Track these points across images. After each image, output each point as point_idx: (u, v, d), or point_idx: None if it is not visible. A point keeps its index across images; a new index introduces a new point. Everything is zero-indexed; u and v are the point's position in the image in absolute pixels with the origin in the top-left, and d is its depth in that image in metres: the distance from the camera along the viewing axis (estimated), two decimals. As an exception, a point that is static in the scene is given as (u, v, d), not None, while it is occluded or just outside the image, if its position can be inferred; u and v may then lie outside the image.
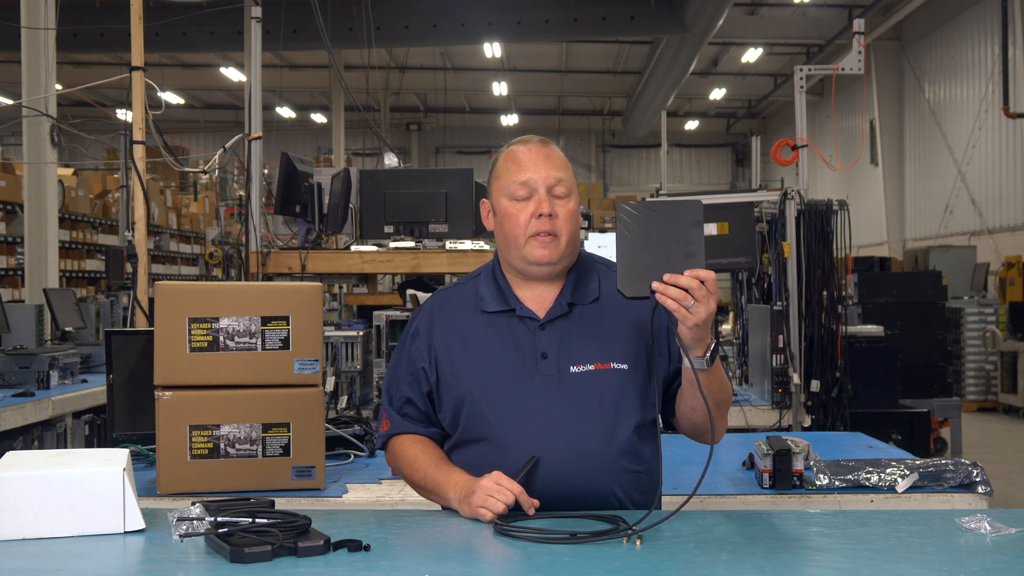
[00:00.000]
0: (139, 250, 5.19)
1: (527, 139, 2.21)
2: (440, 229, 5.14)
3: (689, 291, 1.88)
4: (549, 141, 2.22)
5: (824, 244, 5.72)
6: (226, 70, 19.14)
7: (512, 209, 2.15)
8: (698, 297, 1.88)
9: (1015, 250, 13.17)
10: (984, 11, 14.48)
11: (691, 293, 1.88)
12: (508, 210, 2.15)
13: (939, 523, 1.98)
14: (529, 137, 2.22)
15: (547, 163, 2.15)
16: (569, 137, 26.38)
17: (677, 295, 1.88)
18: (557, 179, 2.15)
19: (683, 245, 1.91)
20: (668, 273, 1.89)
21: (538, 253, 2.13)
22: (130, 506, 1.93)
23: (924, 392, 7.18)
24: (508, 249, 2.18)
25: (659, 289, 1.89)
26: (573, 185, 2.19)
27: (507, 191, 2.16)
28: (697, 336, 1.94)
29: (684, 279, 1.88)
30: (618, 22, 14.33)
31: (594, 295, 2.18)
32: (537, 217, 2.12)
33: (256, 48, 5.53)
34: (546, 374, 2.11)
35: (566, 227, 2.14)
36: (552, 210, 2.12)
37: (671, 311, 1.90)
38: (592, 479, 2.08)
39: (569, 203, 2.16)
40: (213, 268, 7.74)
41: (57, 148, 8.38)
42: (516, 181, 2.15)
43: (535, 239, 2.13)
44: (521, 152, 2.18)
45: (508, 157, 2.19)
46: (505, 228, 2.16)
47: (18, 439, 4.87)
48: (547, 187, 2.14)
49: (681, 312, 1.89)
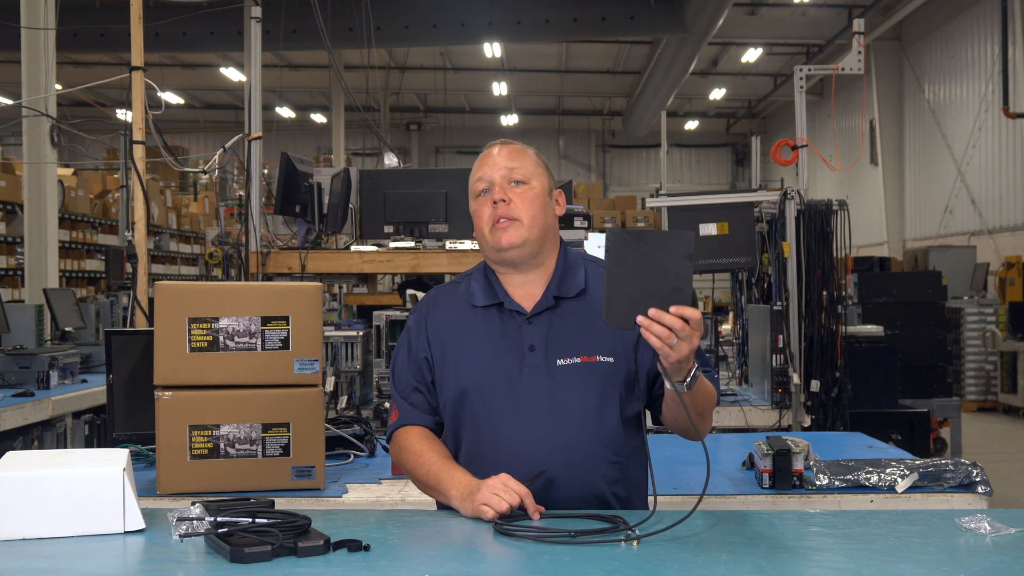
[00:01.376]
0: (139, 250, 5.19)
1: (492, 143, 2.30)
2: (440, 229, 5.14)
3: (672, 330, 1.88)
4: (511, 141, 2.29)
5: (824, 244, 5.72)
6: (226, 70, 19.13)
7: (476, 206, 2.25)
8: (681, 336, 1.89)
9: (1015, 250, 13.17)
10: (984, 11, 14.48)
11: (674, 332, 1.88)
12: (474, 208, 2.26)
13: (939, 523, 1.98)
14: (495, 141, 2.31)
15: (504, 157, 2.24)
16: (569, 137, 26.39)
17: (661, 332, 1.88)
18: (510, 168, 2.22)
19: (671, 279, 1.88)
20: (654, 308, 1.88)
21: (499, 238, 2.19)
22: (130, 506, 1.93)
23: (924, 392, 7.18)
24: (482, 246, 2.26)
25: (644, 324, 1.89)
26: (535, 171, 2.24)
27: (472, 190, 2.26)
28: (678, 367, 1.96)
29: (669, 318, 1.87)
30: (618, 22, 14.32)
31: (580, 288, 2.22)
32: (493, 205, 2.19)
33: (256, 48, 5.53)
34: (534, 366, 2.15)
35: (525, 210, 2.19)
36: (505, 196, 2.19)
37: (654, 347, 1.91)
38: (578, 471, 2.12)
39: (529, 189, 2.21)
40: (213, 268, 7.75)
41: (57, 148, 8.38)
42: (476, 177, 2.25)
43: (496, 226, 2.19)
44: (482, 155, 2.28)
45: (475, 163, 2.29)
46: (476, 226, 2.26)
47: (18, 439, 4.87)
48: (502, 177, 2.21)
49: (664, 350, 1.90)
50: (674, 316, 1.87)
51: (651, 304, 1.88)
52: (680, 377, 1.98)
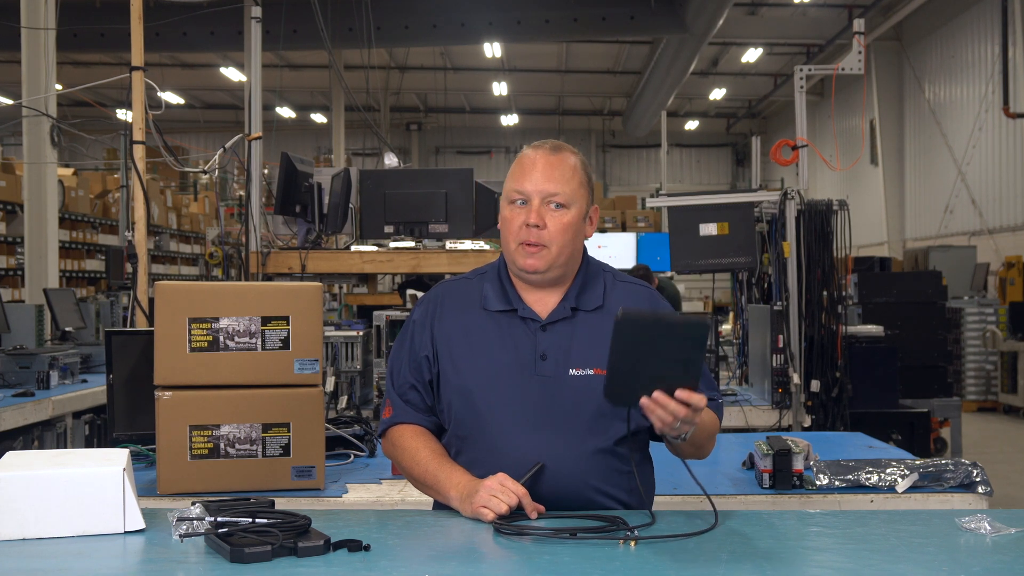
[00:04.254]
0: (139, 250, 5.19)
1: (540, 144, 2.22)
2: (440, 229, 5.14)
3: (675, 415, 1.88)
4: (563, 147, 2.21)
5: (824, 244, 5.72)
6: (226, 70, 19.13)
7: (508, 214, 2.19)
8: (683, 421, 1.89)
9: (1015, 250, 13.17)
10: (984, 11, 14.48)
11: (676, 417, 1.88)
12: (505, 214, 2.20)
13: (939, 523, 1.98)
14: (543, 143, 2.22)
15: (548, 173, 2.15)
16: (569, 137, 26.32)
17: (664, 417, 1.88)
18: (553, 192, 2.14)
19: (680, 364, 1.85)
20: (659, 392, 1.86)
21: (524, 262, 2.15)
22: (130, 506, 1.93)
23: (924, 392, 7.17)
24: (505, 252, 2.22)
25: (646, 407, 1.88)
26: (576, 196, 2.17)
27: (508, 195, 2.20)
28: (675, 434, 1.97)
29: (674, 405, 1.87)
30: (618, 22, 14.32)
31: (597, 303, 2.19)
32: (526, 226, 2.14)
33: (256, 48, 5.53)
34: (545, 375, 2.13)
35: (557, 238, 2.14)
36: (541, 221, 2.13)
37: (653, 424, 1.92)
38: (582, 479, 2.10)
39: (566, 215, 2.15)
40: (213, 268, 7.74)
41: (57, 148, 8.38)
42: (514, 188, 2.18)
43: (522, 247, 2.15)
44: (527, 158, 2.19)
45: (518, 161, 2.21)
46: (503, 231, 2.21)
47: (18, 439, 4.87)
48: (542, 198, 2.15)
49: (665, 429, 1.92)
50: (678, 403, 1.87)
51: (656, 386, 1.85)
52: (676, 435, 1.98)
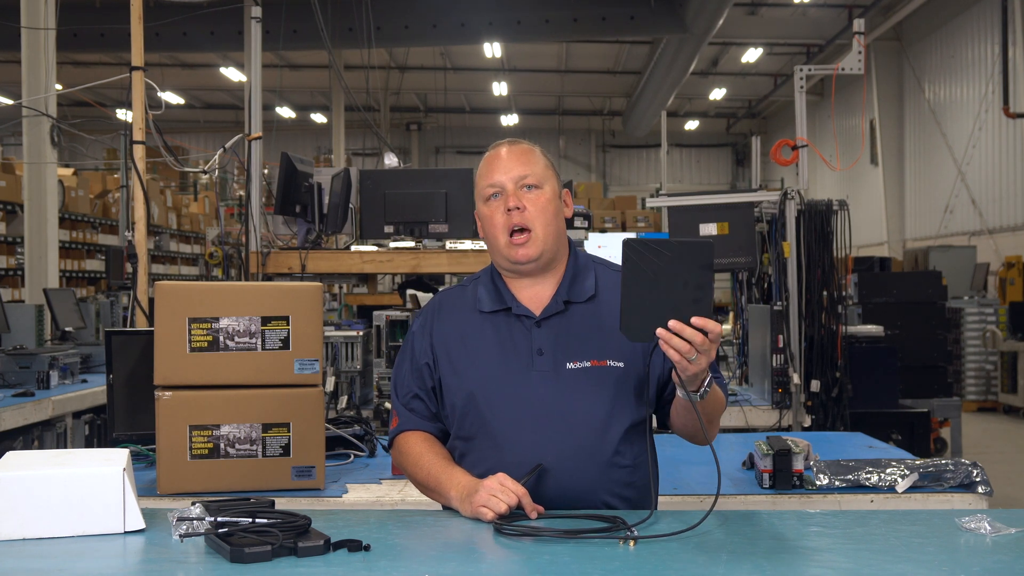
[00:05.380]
0: (139, 250, 5.19)
1: (499, 143, 2.27)
2: (440, 229, 5.14)
3: (692, 343, 1.86)
4: (520, 141, 2.26)
5: (824, 244, 5.72)
6: (226, 70, 19.12)
7: (487, 211, 2.21)
8: (700, 350, 1.87)
9: (1015, 250, 13.17)
10: (984, 11, 14.47)
11: (694, 346, 1.86)
12: (484, 213, 2.22)
13: (939, 523, 1.98)
14: (502, 141, 2.27)
15: (514, 161, 2.20)
16: (569, 137, 26.38)
17: (681, 347, 1.86)
18: (523, 175, 2.18)
19: (691, 289, 1.85)
20: (674, 320, 1.85)
21: (516, 254, 2.17)
22: (130, 506, 1.93)
23: (924, 392, 7.18)
24: (493, 252, 2.24)
25: (663, 337, 1.86)
26: (546, 176, 2.21)
27: (482, 194, 2.23)
28: (694, 378, 1.95)
29: (689, 331, 1.85)
30: (618, 22, 14.32)
31: (590, 293, 2.20)
32: (507, 212, 2.16)
33: (256, 48, 5.53)
34: (543, 370, 2.14)
35: (538, 217, 2.17)
36: (519, 203, 2.17)
37: (672, 360, 1.90)
38: (586, 475, 2.10)
39: (541, 195, 2.19)
40: (213, 268, 7.73)
41: (57, 148, 8.38)
42: (487, 183, 2.21)
43: (511, 241, 2.17)
44: (490, 155, 2.25)
45: (483, 163, 2.26)
46: (487, 232, 2.23)
47: (18, 439, 4.87)
48: (514, 183, 2.18)
49: (683, 363, 1.89)
50: (694, 329, 1.85)
51: (670, 316, 1.85)
52: (695, 387, 1.97)
